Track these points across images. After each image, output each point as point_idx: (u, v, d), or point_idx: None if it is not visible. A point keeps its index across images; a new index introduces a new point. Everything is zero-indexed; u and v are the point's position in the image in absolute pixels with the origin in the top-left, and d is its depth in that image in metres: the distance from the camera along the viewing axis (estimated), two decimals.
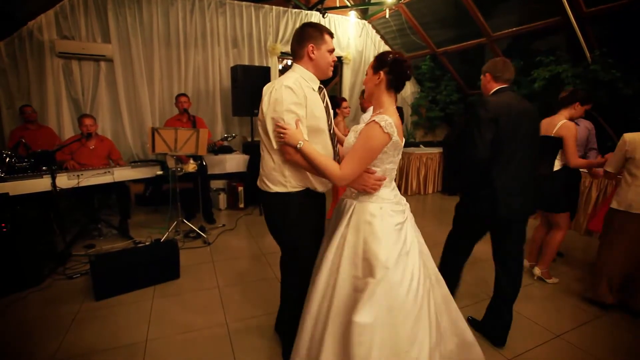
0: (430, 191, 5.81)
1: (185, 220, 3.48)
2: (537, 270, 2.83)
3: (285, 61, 6.48)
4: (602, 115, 4.00)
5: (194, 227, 3.47)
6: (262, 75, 4.49)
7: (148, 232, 3.69)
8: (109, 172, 3.11)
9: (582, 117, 3.10)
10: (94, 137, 3.51)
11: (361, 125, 1.51)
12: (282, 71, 6.32)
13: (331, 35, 1.62)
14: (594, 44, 3.97)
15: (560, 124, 2.54)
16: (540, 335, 2.13)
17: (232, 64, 5.22)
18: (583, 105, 2.61)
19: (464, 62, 5.82)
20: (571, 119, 2.60)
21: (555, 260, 3.19)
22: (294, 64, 1.62)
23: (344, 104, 3.74)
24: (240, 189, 4.53)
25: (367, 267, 1.39)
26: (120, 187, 3.42)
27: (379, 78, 1.46)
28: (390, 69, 1.44)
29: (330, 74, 1.65)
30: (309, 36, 1.56)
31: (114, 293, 2.41)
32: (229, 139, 3.73)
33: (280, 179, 1.57)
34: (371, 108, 2.21)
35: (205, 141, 3.23)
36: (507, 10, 4.63)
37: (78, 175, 2.95)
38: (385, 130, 1.36)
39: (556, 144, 2.56)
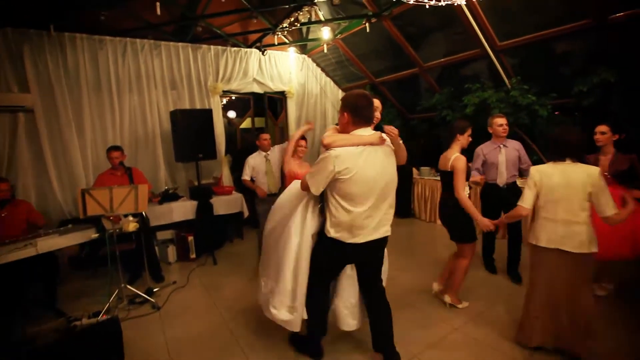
0: None
1: (128, 286, 3.14)
2: (447, 298, 2.89)
3: (227, 98, 6.38)
4: (526, 133, 4.42)
5: (139, 292, 3.13)
6: (204, 118, 4.34)
7: (86, 302, 3.27)
8: (30, 243, 2.72)
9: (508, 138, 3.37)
10: (6, 203, 3.10)
11: None
12: (225, 108, 6.21)
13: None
14: (510, 71, 4.43)
15: (452, 157, 2.65)
16: None
17: (171, 107, 5.02)
18: (463, 134, 2.70)
19: (402, 89, 6.17)
20: (463, 149, 2.76)
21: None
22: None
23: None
24: (190, 238, 4.24)
25: None
26: (45, 258, 2.98)
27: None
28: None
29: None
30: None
31: None
32: (170, 191, 3.49)
33: None
34: None
35: (145, 196, 2.98)
36: (433, 43, 5.03)
37: None
38: None
39: (452, 177, 2.67)
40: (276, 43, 5.44)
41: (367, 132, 1.88)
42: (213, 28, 4.83)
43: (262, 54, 5.66)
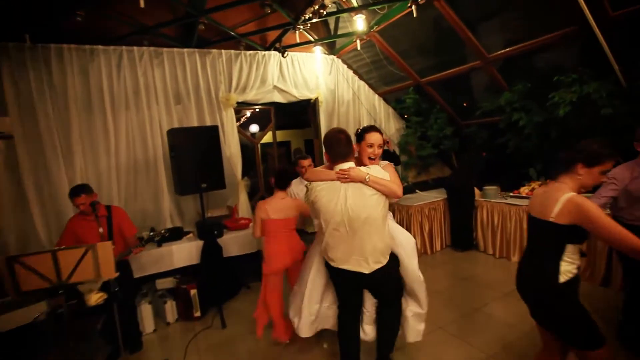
0: (438, 248, 4.72)
1: None
2: None
3: (245, 112, 5.51)
4: None
5: None
6: (208, 138, 3.40)
7: None
8: None
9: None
10: None
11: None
12: (242, 126, 5.34)
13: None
14: (622, 55, 3.15)
15: (563, 200, 1.49)
16: None
17: (176, 124, 4.21)
18: (592, 166, 1.53)
19: (454, 90, 5.00)
20: (581, 188, 1.57)
21: None
22: None
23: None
24: (194, 292, 3.29)
25: None
26: None
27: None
28: None
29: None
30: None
31: None
32: (155, 238, 2.59)
33: None
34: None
35: (110, 257, 2.06)
36: (499, 27, 3.86)
37: None
38: None
39: (561, 233, 1.51)
40: (298, 41, 4.49)
41: (347, 166, 1.94)
42: (222, 27, 3.97)
43: (283, 56, 4.74)
